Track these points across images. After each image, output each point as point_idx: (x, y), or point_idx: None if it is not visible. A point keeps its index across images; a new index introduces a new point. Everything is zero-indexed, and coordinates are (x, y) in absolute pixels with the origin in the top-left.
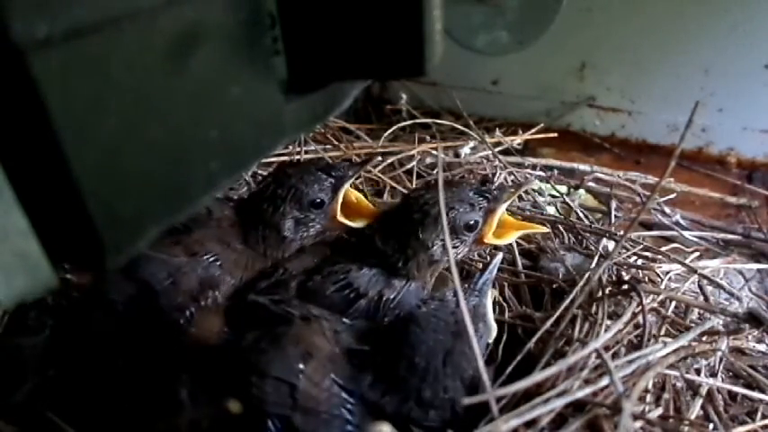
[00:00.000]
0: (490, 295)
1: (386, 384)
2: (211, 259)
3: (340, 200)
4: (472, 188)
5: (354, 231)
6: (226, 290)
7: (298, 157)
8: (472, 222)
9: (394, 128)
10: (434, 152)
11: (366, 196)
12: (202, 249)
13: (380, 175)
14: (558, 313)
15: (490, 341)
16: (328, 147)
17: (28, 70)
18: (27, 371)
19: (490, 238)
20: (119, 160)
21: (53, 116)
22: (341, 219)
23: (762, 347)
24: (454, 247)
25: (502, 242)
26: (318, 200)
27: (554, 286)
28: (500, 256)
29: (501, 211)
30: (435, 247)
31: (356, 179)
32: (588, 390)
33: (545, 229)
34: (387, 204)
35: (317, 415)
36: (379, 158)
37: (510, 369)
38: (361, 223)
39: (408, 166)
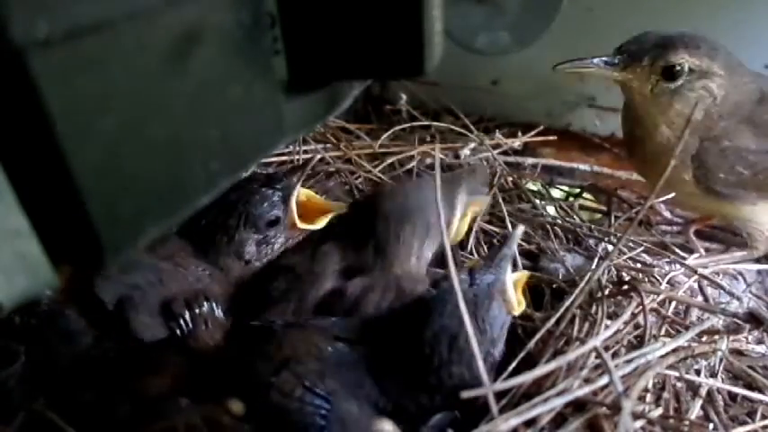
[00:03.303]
0: (510, 271)
1: (391, 375)
2: (200, 269)
3: (294, 209)
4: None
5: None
6: (218, 298)
7: (298, 157)
8: (273, 218)
9: (394, 128)
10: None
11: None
12: (186, 261)
13: (380, 175)
14: (558, 314)
15: (516, 314)
16: (328, 146)
17: (28, 70)
18: (13, 403)
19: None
20: (118, 160)
21: (53, 116)
22: (301, 225)
23: (761, 348)
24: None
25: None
26: (273, 217)
27: (554, 287)
28: (521, 228)
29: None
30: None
31: (303, 181)
32: (588, 389)
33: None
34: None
35: (290, 424)
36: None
37: (510, 368)
38: (321, 222)
39: (408, 167)
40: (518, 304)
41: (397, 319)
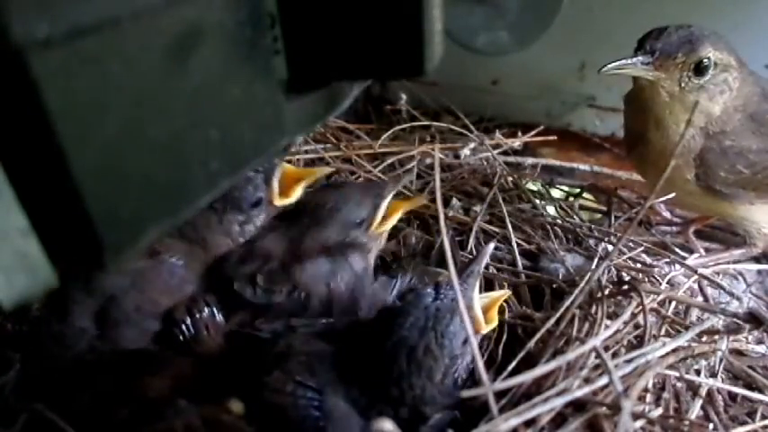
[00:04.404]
0: (477, 288)
1: (358, 384)
2: (174, 258)
3: (276, 188)
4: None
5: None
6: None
7: (298, 156)
8: (257, 200)
9: (394, 128)
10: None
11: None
12: (163, 247)
13: (380, 175)
14: (558, 314)
15: (484, 332)
16: (328, 146)
17: (28, 70)
18: (11, 409)
19: (278, 199)
20: (118, 160)
21: (53, 116)
22: (278, 203)
23: (761, 348)
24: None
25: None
26: (257, 199)
27: (554, 287)
28: (491, 246)
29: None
30: None
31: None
32: (588, 389)
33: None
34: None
35: (287, 419)
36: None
37: (510, 368)
38: (295, 194)
39: (408, 167)
40: (489, 322)
41: (363, 330)
